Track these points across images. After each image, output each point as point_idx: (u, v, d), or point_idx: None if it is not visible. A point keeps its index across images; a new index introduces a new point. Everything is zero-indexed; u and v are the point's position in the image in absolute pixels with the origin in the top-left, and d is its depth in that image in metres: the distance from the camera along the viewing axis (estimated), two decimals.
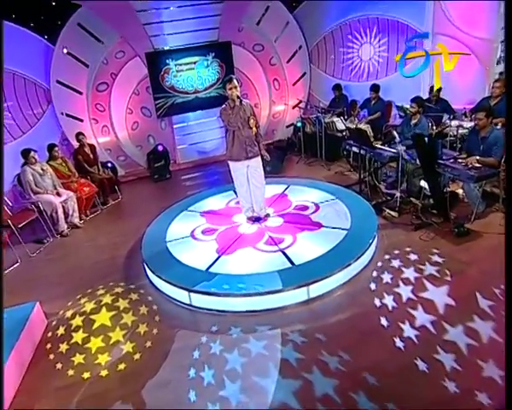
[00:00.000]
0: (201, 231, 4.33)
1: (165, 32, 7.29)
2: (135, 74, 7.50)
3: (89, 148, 6.47)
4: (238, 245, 3.93)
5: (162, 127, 8.06)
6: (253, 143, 4.09)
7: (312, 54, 8.46)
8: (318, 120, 6.77)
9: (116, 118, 7.64)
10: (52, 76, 6.65)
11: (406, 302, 2.86)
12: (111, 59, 7.24)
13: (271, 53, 8.37)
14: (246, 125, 3.97)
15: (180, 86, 7.76)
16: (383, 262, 3.48)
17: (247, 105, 4.01)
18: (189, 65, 7.69)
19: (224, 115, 3.95)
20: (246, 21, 7.85)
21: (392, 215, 4.34)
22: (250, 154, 4.08)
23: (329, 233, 3.88)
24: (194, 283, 3.31)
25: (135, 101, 7.72)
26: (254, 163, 4.16)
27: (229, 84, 3.85)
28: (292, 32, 8.20)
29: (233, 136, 4.02)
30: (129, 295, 3.55)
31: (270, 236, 4.03)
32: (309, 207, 4.54)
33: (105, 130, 7.64)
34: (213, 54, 7.76)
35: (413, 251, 3.51)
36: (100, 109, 7.48)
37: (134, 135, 7.87)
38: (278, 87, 8.70)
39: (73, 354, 2.89)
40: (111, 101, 7.49)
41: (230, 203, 5.06)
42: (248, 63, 8.26)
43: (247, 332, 2.87)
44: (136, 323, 3.13)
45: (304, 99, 8.33)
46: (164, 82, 7.59)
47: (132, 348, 2.89)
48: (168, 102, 7.74)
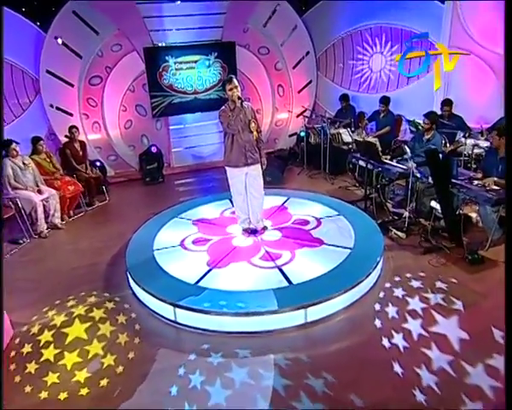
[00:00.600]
0: (192, 241, 4.26)
1: (166, 28, 7.28)
2: (131, 70, 7.44)
3: (79, 144, 6.38)
4: (231, 258, 3.86)
5: (157, 128, 7.99)
6: (253, 149, 4.03)
7: (320, 61, 8.47)
8: (323, 130, 6.75)
9: (109, 115, 7.56)
10: (42, 65, 6.56)
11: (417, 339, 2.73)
12: (106, 51, 7.19)
13: (277, 57, 8.38)
14: (246, 128, 3.91)
15: (179, 85, 7.72)
16: (389, 287, 3.38)
17: (249, 108, 3.98)
18: (190, 64, 7.67)
19: (224, 117, 3.89)
20: (252, 22, 7.86)
21: (399, 236, 4.27)
22: (250, 160, 4.02)
23: (331, 251, 3.81)
24: (180, 297, 3.20)
25: (130, 98, 7.65)
26: (254, 171, 4.09)
27: (229, 84, 3.81)
28: (300, 37, 8.21)
29: (232, 140, 3.96)
30: (108, 305, 3.40)
31: (267, 250, 3.96)
32: (310, 222, 4.49)
33: (96, 126, 7.55)
34: (216, 54, 7.74)
35: (421, 277, 3.41)
36: (92, 104, 7.41)
37: (127, 134, 7.80)
38: (282, 94, 8.70)
39: (45, 373, 2.69)
40: (104, 96, 7.41)
41: (225, 213, 5.01)
42: (252, 66, 8.25)
43: (235, 357, 2.74)
44: (116, 333, 3.00)
45: (309, 108, 8.29)
46: (162, 80, 7.55)
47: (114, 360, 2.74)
48: (165, 101, 7.68)
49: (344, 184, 6.33)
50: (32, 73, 6.62)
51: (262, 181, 4.19)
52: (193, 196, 5.98)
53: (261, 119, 8.42)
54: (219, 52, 7.74)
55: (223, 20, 7.50)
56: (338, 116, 7.37)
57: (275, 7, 7.84)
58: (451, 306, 3.02)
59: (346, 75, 8.08)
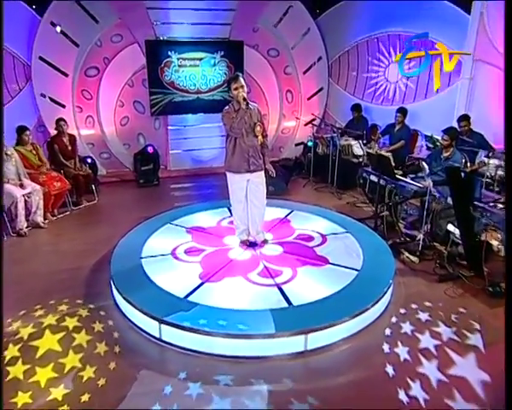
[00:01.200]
0: (185, 251, 4.16)
1: (171, 21, 7.27)
2: (131, 63, 7.44)
3: (68, 138, 6.28)
4: (226, 272, 3.74)
5: (155, 127, 7.98)
6: (257, 155, 3.95)
7: (332, 67, 8.46)
8: (333, 141, 6.71)
9: (104, 109, 7.55)
10: (35, 51, 6.52)
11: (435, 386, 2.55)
12: (106, 42, 7.18)
13: (287, 61, 8.38)
14: (251, 132, 3.85)
15: (181, 83, 7.69)
16: (400, 317, 3.22)
17: (255, 109, 3.90)
18: (194, 61, 7.65)
19: (227, 118, 3.81)
20: (262, 22, 7.87)
21: (411, 260, 4.14)
22: (252, 166, 3.93)
23: (336, 272, 3.69)
24: (167, 312, 3.05)
25: (128, 93, 7.64)
26: (256, 178, 4.00)
27: (234, 83, 3.74)
28: (312, 41, 8.21)
29: (234, 143, 3.88)
30: (86, 316, 3.23)
31: (266, 266, 3.85)
32: (314, 239, 4.41)
33: (89, 121, 7.53)
34: (222, 52, 7.73)
35: (436, 308, 3.26)
36: (86, 97, 7.39)
37: (122, 131, 7.78)
38: (291, 100, 8.71)
39: (14, 393, 2.50)
40: (100, 89, 7.40)
41: (223, 222, 4.94)
42: (261, 69, 8.26)
43: (222, 384, 2.57)
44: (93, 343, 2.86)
45: (318, 116, 8.25)
46: (163, 76, 7.52)
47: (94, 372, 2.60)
48: (165, 99, 7.65)
49: (352, 199, 6.26)
50: (23, 58, 6.57)
51: (265, 190, 4.10)
52: (189, 202, 5.93)
53: (267, 125, 8.15)
54: (226, 51, 7.73)
55: (231, 17, 7.50)
56: (349, 127, 7.32)
57: (287, 7, 7.85)
58: (470, 342, 2.86)
59: (359, 84, 8.05)
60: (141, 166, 7.39)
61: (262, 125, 3.89)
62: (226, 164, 4.01)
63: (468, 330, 3.01)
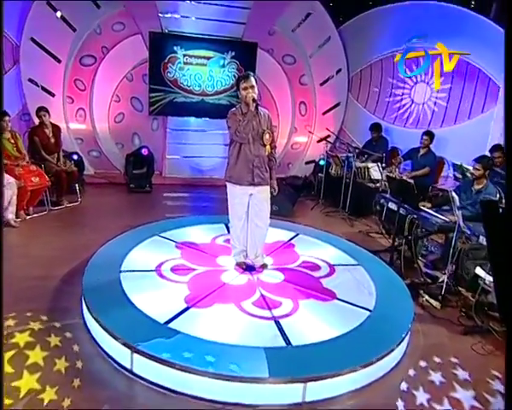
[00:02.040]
0: (171, 268, 4.03)
1: (180, 13, 7.28)
2: (132, 55, 7.45)
3: (51, 129, 6.18)
4: (217, 298, 3.58)
5: (153, 128, 7.98)
6: (263, 166, 3.86)
7: (353, 82, 8.45)
8: (348, 161, 6.66)
9: (98, 102, 7.54)
10: (26, 31, 6.47)
11: None
12: (106, 29, 7.19)
13: (304, 70, 8.38)
14: (258, 140, 3.77)
15: (185, 82, 7.68)
16: (416, 372, 2.97)
17: (265, 115, 3.83)
18: (201, 59, 7.67)
19: (232, 121, 3.74)
20: (280, 24, 7.88)
21: (432, 305, 3.95)
22: (257, 179, 3.83)
23: (345, 310, 3.54)
24: (142, 338, 2.85)
25: (125, 87, 7.64)
26: (260, 193, 3.91)
27: (244, 82, 3.68)
28: (332, 50, 8.20)
29: (239, 151, 3.80)
30: (48, 336, 2.98)
31: (263, 295, 3.69)
32: (321, 268, 4.30)
33: (80, 114, 7.52)
34: (233, 53, 7.74)
35: (461, 366, 3.00)
36: (79, 87, 7.37)
37: (116, 129, 7.77)
38: (304, 113, 8.71)
39: None
40: (95, 80, 7.39)
41: (218, 239, 4.88)
42: (274, 76, 8.25)
43: None
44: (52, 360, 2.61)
45: (333, 133, 8.13)
46: (166, 73, 7.52)
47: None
48: (166, 98, 7.64)
49: (366, 228, 6.16)
50: (12, 37, 6.50)
51: (269, 208, 4.01)
52: (182, 214, 5.96)
53: (276, 137, 8.14)
54: (238, 52, 7.73)
55: (246, 16, 7.50)
56: (367, 148, 7.27)
57: (309, 11, 7.86)
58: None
59: (381, 102, 8.03)
60: (133, 168, 7.33)
61: (271, 134, 3.82)
62: (227, 173, 3.93)
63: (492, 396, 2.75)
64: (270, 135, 3.80)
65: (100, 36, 7.17)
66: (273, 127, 3.96)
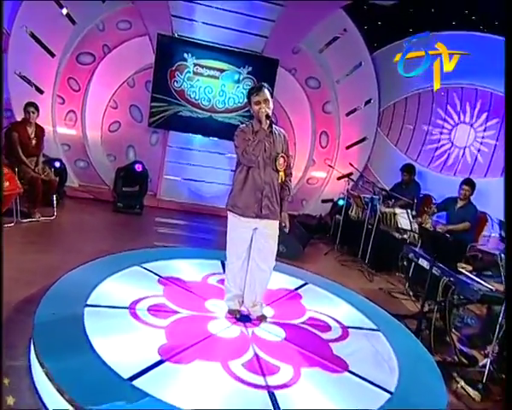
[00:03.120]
0: (149, 308, 3.86)
1: (194, 18, 7.37)
2: (136, 58, 7.55)
3: (34, 129, 6.16)
4: (200, 352, 3.35)
5: (151, 142, 8.06)
6: (273, 197, 3.74)
7: (384, 115, 8.48)
8: (372, 204, 6.61)
9: (92, 107, 7.65)
10: (19, 18, 6.50)
11: None
12: (110, 26, 7.31)
13: (329, 96, 8.44)
14: (270, 164, 3.67)
15: (192, 95, 7.75)
16: None
17: (280, 135, 3.79)
18: (213, 71, 7.74)
19: (240, 139, 3.66)
20: (306, 43, 7.97)
21: (470, 395, 3.62)
22: (265, 211, 3.69)
23: (358, 387, 3.26)
24: (96, 397, 2.57)
25: (125, 93, 7.73)
26: (267, 229, 3.76)
27: (256, 95, 3.63)
28: (363, 78, 8.22)
29: (246, 175, 3.70)
30: None
31: (258, 355, 3.45)
32: (331, 329, 4.10)
33: (71, 117, 7.63)
34: (250, 68, 7.79)
35: None
36: (73, 87, 7.47)
37: (109, 138, 7.87)
38: (325, 145, 8.75)
39: None
40: (92, 81, 7.50)
41: (211, 279, 4.78)
42: (294, 99, 8.33)
43: None
44: None
45: (357, 170, 8.11)
46: (172, 81, 7.60)
47: None
48: (170, 110, 7.70)
49: (388, 285, 5.98)
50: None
51: (275, 247, 3.86)
52: (173, 244, 5.99)
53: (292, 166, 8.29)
54: (255, 68, 7.77)
55: (270, 29, 7.59)
56: (395, 191, 7.12)
57: (340, 32, 7.90)
58: None
59: (415, 142, 8.01)
60: (123, 185, 7.39)
61: (287, 159, 3.75)
62: (230, 201, 3.80)
63: None
64: (286, 159, 3.71)
65: (102, 33, 7.25)
66: (289, 151, 3.87)
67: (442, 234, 4.74)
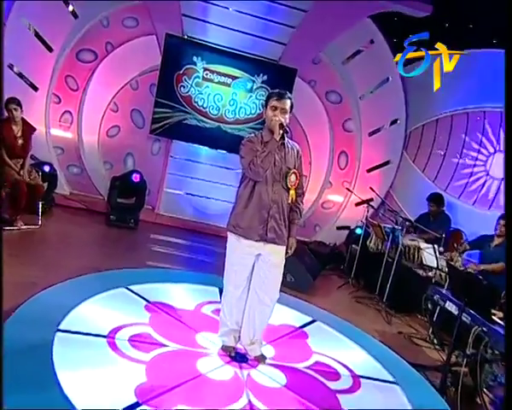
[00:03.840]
0: (130, 338, 3.76)
1: (208, 19, 7.37)
2: (141, 58, 7.57)
3: (21, 128, 6.00)
4: (185, 396, 3.20)
5: (153, 151, 8.02)
6: (281, 218, 3.61)
7: (411, 138, 8.35)
8: (393, 235, 6.42)
9: (90, 108, 7.64)
10: (16, 7, 6.40)
11: None
12: (115, 23, 7.34)
13: (350, 113, 8.34)
14: (280, 181, 3.57)
15: (200, 102, 7.73)
16: None
17: (294, 149, 3.71)
18: (225, 78, 7.72)
19: (248, 150, 3.56)
20: (328, 53, 7.92)
21: None
22: (271, 234, 3.56)
23: None
24: None
25: (127, 96, 7.74)
26: (272, 255, 3.62)
27: (275, 100, 3.58)
28: (390, 95, 8.13)
29: (251, 191, 3.61)
30: None
31: (252, 403, 3.28)
32: (340, 378, 3.96)
33: (66, 118, 7.62)
34: (265, 77, 7.75)
35: None
36: (71, 86, 7.49)
37: (107, 144, 7.84)
38: (344, 166, 8.64)
39: None
40: (92, 80, 7.50)
41: (205, 308, 4.71)
42: (312, 114, 8.24)
43: None
44: None
45: (379, 196, 7.87)
46: (179, 86, 7.59)
47: None
48: (175, 117, 7.67)
49: (409, 329, 5.80)
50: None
51: (280, 277, 3.74)
52: (168, 265, 5.92)
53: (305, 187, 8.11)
54: (271, 77, 7.74)
55: (289, 35, 7.52)
56: (421, 223, 6.89)
57: (366, 43, 7.82)
58: None
59: (445, 169, 7.80)
60: (118, 196, 7.27)
61: (299, 176, 3.63)
62: (231, 220, 3.67)
63: None
64: (298, 177, 3.60)
65: (106, 29, 7.25)
66: (303, 167, 3.77)
67: (475, 275, 4.57)
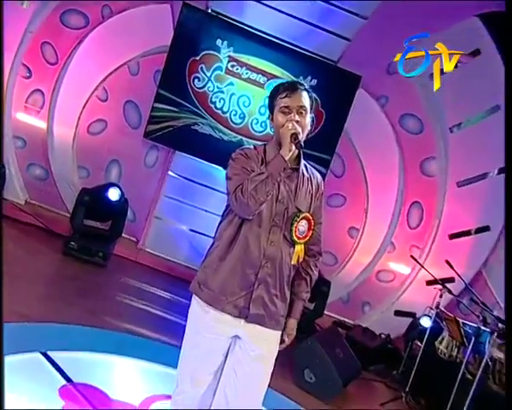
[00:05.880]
0: None
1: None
2: (147, 32, 7.39)
3: None
4: None
5: (146, 161, 7.89)
6: (278, 288, 3.16)
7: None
8: (476, 340, 5.95)
9: (70, 91, 7.53)
10: None
11: None
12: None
13: (434, 149, 8.03)
14: (282, 227, 3.12)
15: (219, 104, 7.49)
16: None
17: (312, 180, 3.27)
18: (257, 75, 7.47)
19: (237, 168, 3.09)
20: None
21: None
22: (257, 310, 3.11)
23: None
24: None
25: (122, 81, 7.64)
26: (256, 344, 3.17)
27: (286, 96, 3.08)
28: (498, 130, 7.41)
29: (235, 234, 3.13)
30: None
31: None
32: None
33: (35, 100, 7.51)
34: (314, 81, 7.46)
35: None
36: (47, 57, 7.39)
37: (87, 143, 7.73)
38: (417, 224, 8.32)
39: None
40: (77, 53, 7.33)
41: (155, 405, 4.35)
42: (377, 142, 8.08)
43: None
44: None
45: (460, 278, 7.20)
46: (192, 77, 7.33)
47: None
48: (181, 119, 7.47)
49: None
50: None
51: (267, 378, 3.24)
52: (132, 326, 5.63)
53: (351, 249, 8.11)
54: (323, 81, 7.48)
55: (356, 28, 7.37)
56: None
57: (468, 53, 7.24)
58: None
59: None
60: (86, 216, 6.99)
61: (314, 223, 3.18)
62: (199, 274, 3.21)
63: None
64: (312, 225, 3.13)
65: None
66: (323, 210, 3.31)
67: None
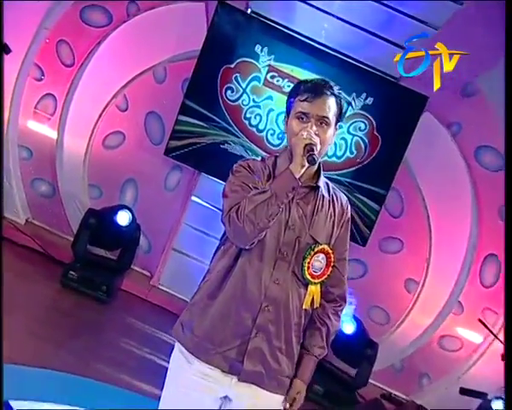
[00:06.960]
0: None
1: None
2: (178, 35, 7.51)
3: None
4: None
5: (167, 183, 7.90)
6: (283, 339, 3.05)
7: None
8: None
9: (85, 98, 7.57)
10: None
11: None
12: None
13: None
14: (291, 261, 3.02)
15: (255, 120, 7.39)
16: None
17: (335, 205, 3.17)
18: None
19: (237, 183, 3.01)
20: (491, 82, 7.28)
21: None
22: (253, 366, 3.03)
23: None
24: None
25: (145, 90, 7.65)
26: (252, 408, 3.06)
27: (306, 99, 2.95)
28: None
29: (230, 266, 3.02)
30: None
31: None
32: None
33: (46, 105, 7.59)
34: (370, 100, 7.29)
35: None
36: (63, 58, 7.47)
37: (101, 159, 7.81)
38: (492, 282, 7.92)
39: None
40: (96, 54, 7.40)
41: None
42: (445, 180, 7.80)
43: None
44: None
45: None
46: (224, 88, 7.24)
47: None
48: (209, 136, 7.40)
49: None
50: None
51: None
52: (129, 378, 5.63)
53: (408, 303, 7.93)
54: (380, 100, 7.33)
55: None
56: None
57: None
58: None
59: None
60: (89, 242, 6.96)
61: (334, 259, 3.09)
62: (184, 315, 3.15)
63: None
64: (331, 261, 3.02)
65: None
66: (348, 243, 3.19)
67: None
